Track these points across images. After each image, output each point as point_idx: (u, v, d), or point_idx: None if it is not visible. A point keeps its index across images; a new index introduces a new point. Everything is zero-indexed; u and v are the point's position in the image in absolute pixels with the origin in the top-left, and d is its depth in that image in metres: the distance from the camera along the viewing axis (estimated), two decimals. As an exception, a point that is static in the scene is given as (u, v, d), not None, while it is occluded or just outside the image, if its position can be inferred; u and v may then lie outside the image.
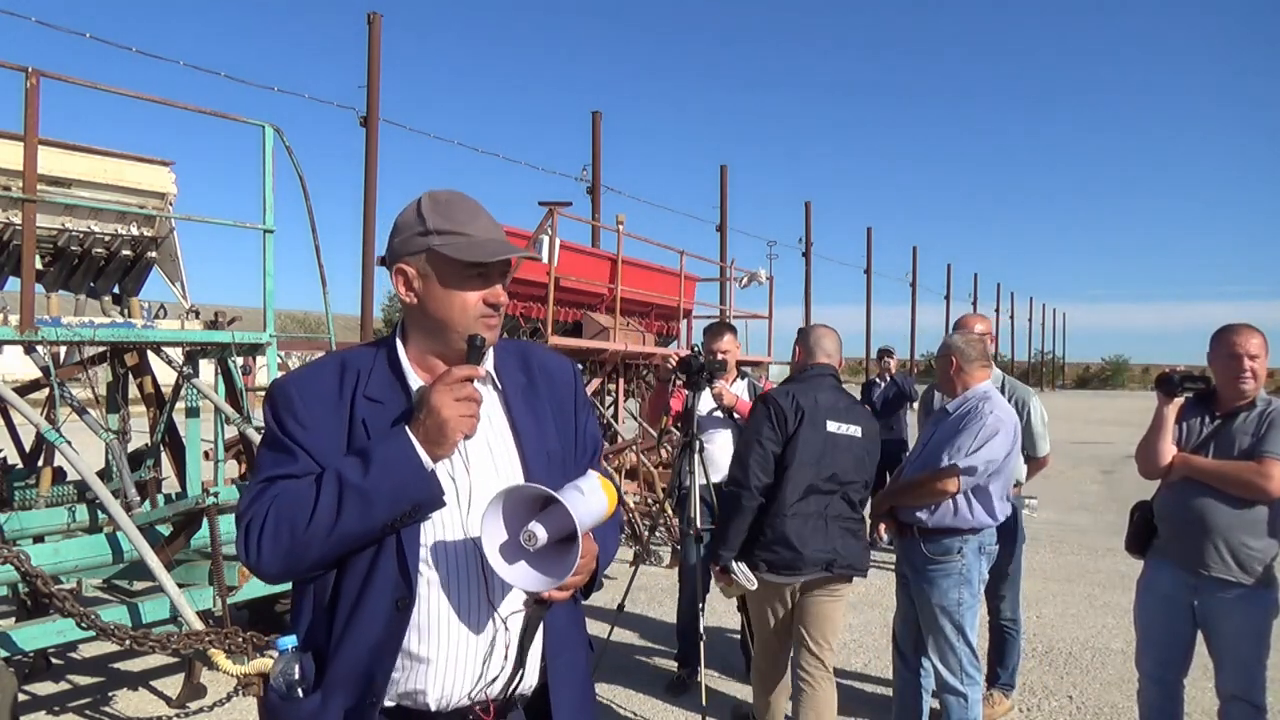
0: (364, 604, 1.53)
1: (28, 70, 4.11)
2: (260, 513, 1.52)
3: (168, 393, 5.60)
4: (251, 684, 3.18)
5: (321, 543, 1.50)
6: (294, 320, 50.30)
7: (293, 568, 1.53)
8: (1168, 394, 3.36)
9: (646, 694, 4.83)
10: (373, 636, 1.53)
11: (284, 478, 1.55)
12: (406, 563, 1.53)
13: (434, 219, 1.60)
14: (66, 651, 5.24)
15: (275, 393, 1.62)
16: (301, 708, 1.56)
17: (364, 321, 11.69)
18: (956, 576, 3.58)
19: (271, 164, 5.05)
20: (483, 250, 1.58)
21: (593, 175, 16.56)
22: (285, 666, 1.56)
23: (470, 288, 1.60)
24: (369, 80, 11.51)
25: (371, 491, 1.48)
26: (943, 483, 3.51)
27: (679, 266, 11.70)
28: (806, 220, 27.85)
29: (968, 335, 3.94)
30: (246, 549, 1.53)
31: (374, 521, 1.50)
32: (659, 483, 8.70)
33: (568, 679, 1.68)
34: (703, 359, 4.78)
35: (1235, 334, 3.28)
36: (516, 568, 1.50)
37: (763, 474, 3.49)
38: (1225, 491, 3.20)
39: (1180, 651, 3.38)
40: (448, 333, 1.61)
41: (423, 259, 1.60)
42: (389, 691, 1.55)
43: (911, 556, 3.68)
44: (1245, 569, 3.16)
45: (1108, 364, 66.15)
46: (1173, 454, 3.34)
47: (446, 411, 1.50)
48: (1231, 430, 3.26)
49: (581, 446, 1.77)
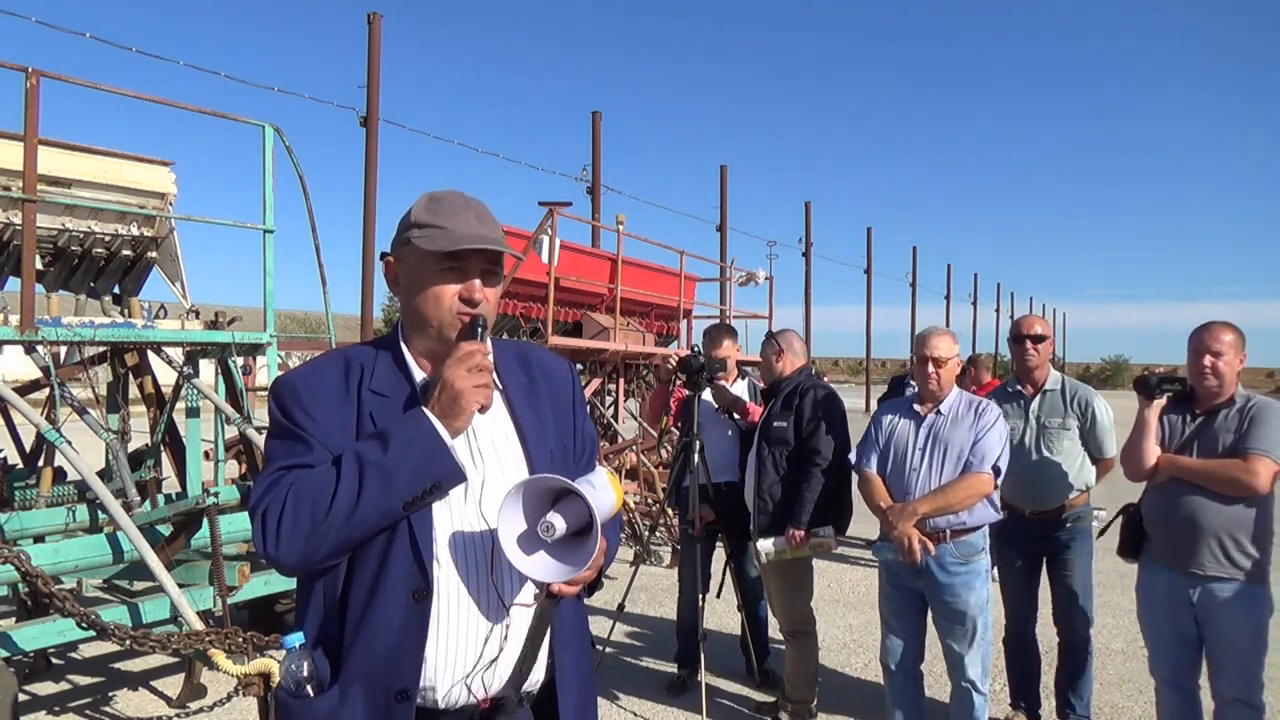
0: (379, 597, 1.52)
1: (28, 70, 4.11)
2: (278, 500, 1.50)
3: (168, 393, 5.60)
4: (251, 684, 3.17)
5: (341, 526, 1.48)
6: (294, 320, 50.30)
7: (311, 555, 1.50)
8: (1147, 396, 3.38)
9: (646, 694, 4.83)
10: (391, 630, 1.52)
11: (299, 466, 1.54)
12: (421, 554, 1.52)
13: (420, 214, 1.62)
14: (66, 651, 5.24)
15: (281, 388, 1.62)
16: (317, 705, 1.54)
17: (364, 321, 11.70)
18: (984, 574, 3.58)
19: (271, 164, 5.05)
20: (450, 241, 1.58)
21: (593, 175, 16.54)
22: (294, 664, 1.55)
23: (443, 281, 1.60)
24: (369, 80, 11.50)
25: (393, 468, 1.48)
26: (982, 484, 3.48)
27: (679, 266, 11.70)
28: (806, 220, 27.82)
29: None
30: (264, 537, 1.50)
31: (395, 501, 1.49)
32: (659, 483, 8.70)
33: (573, 676, 1.69)
34: (703, 359, 4.79)
35: (1200, 332, 3.30)
36: (534, 559, 1.52)
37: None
38: (1212, 490, 3.21)
39: (1191, 653, 3.36)
40: (426, 326, 1.62)
41: (404, 252, 1.64)
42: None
43: (943, 563, 3.54)
44: (1237, 565, 3.18)
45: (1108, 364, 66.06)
46: (1157, 455, 3.35)
47: (460, 383, 1.51)
48: (1214, 428, 3.27)
49: (580, 446, 1.78)
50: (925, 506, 3.49)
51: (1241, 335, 3.30)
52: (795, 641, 4.38)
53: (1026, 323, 4.25)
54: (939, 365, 3.62)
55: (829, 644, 5.56)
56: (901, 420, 3.73)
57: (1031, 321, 4.27)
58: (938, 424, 3.62)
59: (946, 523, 3.52)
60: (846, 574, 7.59)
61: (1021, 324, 4.25)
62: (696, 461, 4.63)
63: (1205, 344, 3.26)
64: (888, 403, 4.10)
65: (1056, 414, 4.07)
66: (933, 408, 3.66)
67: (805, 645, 4.38)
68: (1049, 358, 4.26)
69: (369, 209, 11.40)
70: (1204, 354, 3.26)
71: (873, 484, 3.72)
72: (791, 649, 4.41)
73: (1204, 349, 3.26)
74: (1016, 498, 4.06)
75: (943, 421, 3.62)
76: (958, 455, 3.53)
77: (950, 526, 3.52)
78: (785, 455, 4.28)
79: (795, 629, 4.37)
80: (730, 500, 4.72)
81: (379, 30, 11.52)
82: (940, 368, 3.62)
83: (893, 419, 3.77)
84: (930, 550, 3.50)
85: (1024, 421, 4.11)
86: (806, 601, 4.42)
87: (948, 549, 3.53)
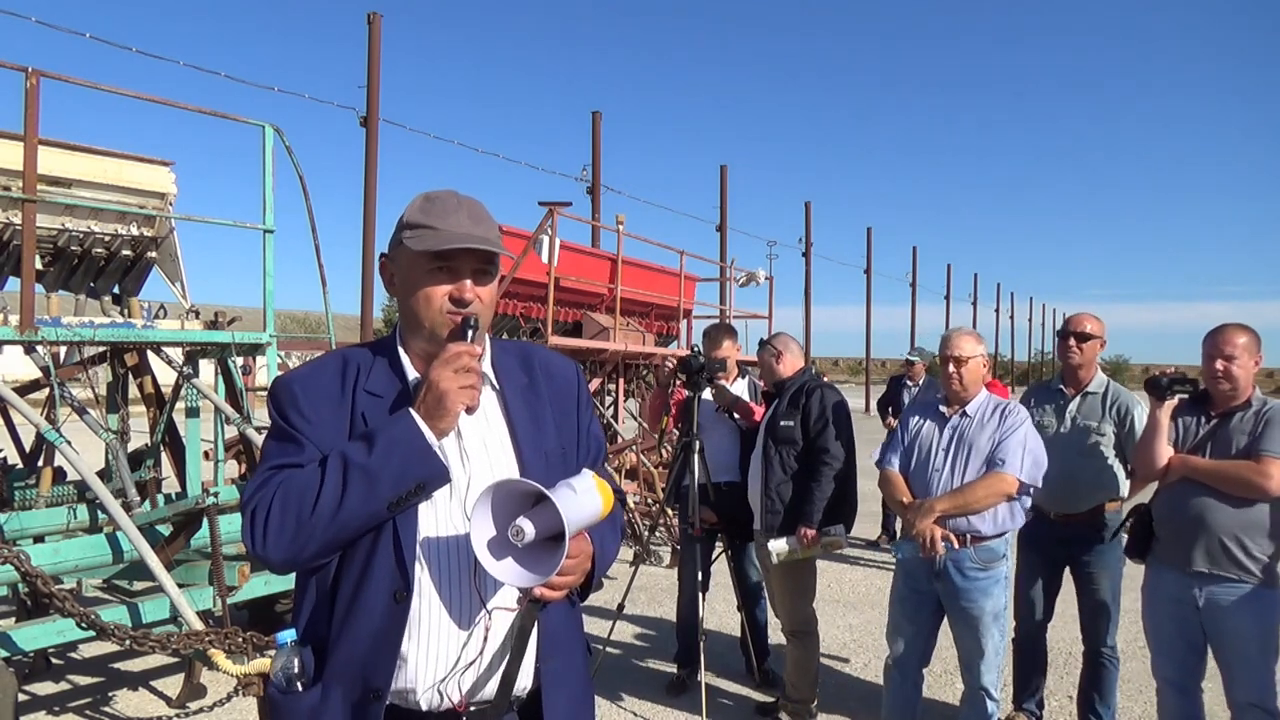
0: (362, 596, 1.53)
1: (28, 70, 4.10)
2: (266, 498, 1.51)
3: (168, 393, 5.60)
4: (251, 684, 3.18)
5: (326, 525, 1.49)
6: (294, 320, 50.28)
7: (298, 554, 1.51)
8: (1158, 397, 3.35)
9: (646, 694, 4.83)
10: (371, 629, 1.53)
11: (289, 466, 1.55)
12: (403, 555, 1.53)
13: (414, 215, 1.62)
14: (66, 651, 5.24)
15: (279, 389, 1.63)
16: (301, 701, 1.55)
17: (364, 321, 11.70)
18: (1003, 581, 3.56)
19: (271, 164, 5.05)
20: (439, 241, 1.57)
21: (593, 175, 16.54)
22: (285, 660, 1.56)
23: (435, 282, 1.59)
24: (369, 80, 11.50)
25: (376, 469, 1.48)
26: (1004, 484, 3.43)
27: (679, 266, 11.70)
28: (806, 220, 27.82)
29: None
30: (252, 535, 1.51)
31: (379, 502, 1.49)
32: (659, 483, 8.70)
33: (561, 682, 1.66)
34: (702, 359, 4.79)
35: (1214, 335, 3.27)
36: (503, 564, 1.49)
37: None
38: (1224, 491, 3.18)
39: (1196, 655, 3.34)
40: (419, 327, 1.62)
41: (398, 253, 1.64)
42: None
43: (962, 567, 3.50)
44: (1246, 568, 3.15)
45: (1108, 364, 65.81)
46: (1169, 456, 3.32)
47: (445, 384, 1.51)
48: (1228, 430, 3.25)
49: (584, 447, 1.77)
50: (944, 504, 3.47)
51: (1256, 337, 3.26)
52: (797, 641, 4.38)
53: (1076, 320, 4.05)
54: (960, 365, 3.61)
55: (829, 644, 5.56)
56: (928, 421, 3.72)
57: (1082, 319, 4.04)
58: (963, 425, 3.60)
59: (968, 525, 3.48)
60: (846, 574, 7.59)
61: (1071, 320, 4.08)
62: (696, 461, 4.64)
63: (1218, 347, 3.23)
64: (917, 404, 4.12)
65: (1093, 417, 3.97)
66: (959, 409, 3.64)
67: (807, 645, 4.38)
68: (1095, 358, 4.09)
69: (369, 209, 11.40)
70: (1216, 358, 3.23)
71: (894, 482, 3.71)
72: (793, 649, 4.41)
73: (1216, 352, 3.23)
74: (1044, 499, 4.02)
75: (968, 423, 3.59)
76: (982, 457, 3.50)
77: (970, 531, 3.48)
78: (793, 455, 4.29)
79: (797, 629, 4.38)
80: (730, 500, 4.72)
81: (379, 30, 11.52)
82: (962, 367, 3.61)
83: (919, 420, 3.77)
84: (954, 544, 3.46)
85: (1059, 421, 4.03)
86: (809, 602, 4.42)
87: (968, 553, 3.49)
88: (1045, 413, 4.06)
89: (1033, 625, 4.22)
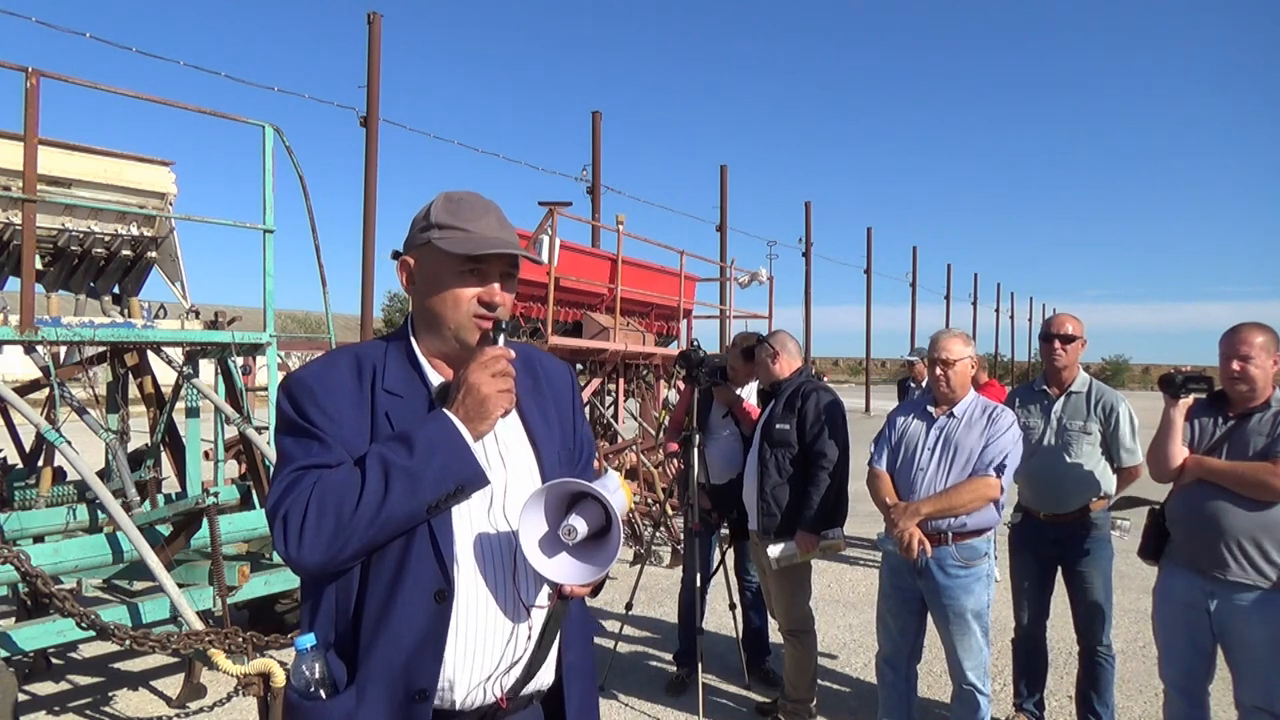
0: (399, 599, 1.51)
1: (28, 70, 4.11)
2: (300, 501, 1.47)
3: (168, 393, 5.60)
4: (251, 684, 3.17)
5: (366, 527, 1.47)
6: (294, 320, 50.32)
7: (334, 557, 1.48)
8: (1172, 395, 3.30)
9: (646, 694, 4.83)
10: (412, 631, 1.51)
11: (317, 466, 1.52)
12: (443, 554, 1.52)
13: (440, 215, 1.61)
14: (66, 651, 5.24)
15: (293, 385, 1.59)
16: (333, 706, 1.52)
17: (364, 321, 11.71)
18: (986, 578, 3.56)
19: (271, 164, 5.05)
20: (474, 244, 1.57)
21: (593, 175, 16.56)
22: (305, 665, 1.53)
23: (464, 284, 1.59)
24: (369, 80, 11.51)
25: (419, 471, 1.48)
26: (988, 488, 3.45)
27: (679, 266, 11.70)
28: (806, 220, 27.85)
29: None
30: (286, 539, 1.48)
31: (420, 503, 1.49)
32: (659, 483, 8.71)
33: (579, 674, 1.71)
34: (703, 353, 4.80)
35: (1230, 334, 3.22)
36: (556, 561, 1.54)
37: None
38: (1239, 493, 3.12)
39: (1203, 659, 3.30)
40: (442, 328, 1.61)
41: (422, 252, 1.62)
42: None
43: (944, 565, 3.52)
44: (1261, 572, 3.09)
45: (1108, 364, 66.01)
46: (1184, 456, 3.28)
47: (486, 388, 1.52)
48: (1245, 431, 3.18)
49: (578, 448, 1.79)
50: (929, 507, 3.48)
51: (1275, 336, 3.19)
52: (795, 641, 4.38)
53: (1057, 321, 4.10)
54: (948, 366, 3.62)
55: (829, 644, 5.56)
56: (915, 420, 3.73)
57: (1063, 320, 4.11)
58: (950, 426, 3.61)
59: (948, 524, 3.50)
60: (846, 574, 7.59)
61: (1052, 322, 4.12)
62: (695, 455, 4.65)
63: (1234, 347, 3.18)
64: (903, 403, 4.10)
65: (1078, 417, 3.98)
66: (946, 410, 3.65)
67: (805, 645, 4.38)
68: (1078, 359, 4.12)
69: (369, 209, 11.41)
70: (1232, 358, 3.17)
71: (880, 480, 3.72)
72: (791, 649, 4.41)
73: (1232, 352, 3.18)
74: (1032, 500, 4.02)
75: (955, 424, 3.61)
76: (966, 458, 3.51)
77: (952, 529, 3.50)
78: (788, 458, 4.27)
79: (795, 628, 4.37)
80: (733, 498, 4.74)
81: (379, 30, 11.53)
82: (949, 369, 3.62)
83: (906, 419, 3.78)
84: (928, 551, 3.49)
85: (1044, 422, 4.04)
86: (806, 601, 4.42)
87: (949, 551, 3.51)
88: (1031, 414, 4.07)
89: (1031, 626, 4.22)
